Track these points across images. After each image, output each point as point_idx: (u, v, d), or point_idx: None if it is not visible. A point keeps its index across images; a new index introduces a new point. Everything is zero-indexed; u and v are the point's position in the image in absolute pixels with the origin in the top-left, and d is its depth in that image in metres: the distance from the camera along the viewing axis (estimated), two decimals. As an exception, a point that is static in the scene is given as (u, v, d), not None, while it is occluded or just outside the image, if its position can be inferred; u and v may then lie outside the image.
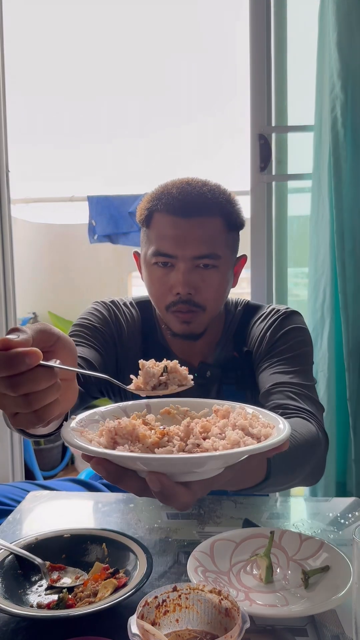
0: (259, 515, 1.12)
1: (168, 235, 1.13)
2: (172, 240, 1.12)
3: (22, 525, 1.09)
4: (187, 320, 1.15)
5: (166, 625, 0.71)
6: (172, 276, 1.14)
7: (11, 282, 2.28)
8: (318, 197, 1.73)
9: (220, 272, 1.15)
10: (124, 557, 0.91)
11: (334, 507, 1.16)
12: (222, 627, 0.71)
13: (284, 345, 1.19)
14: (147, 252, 1.17)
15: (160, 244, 1.13)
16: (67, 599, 0.83)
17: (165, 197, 1.14)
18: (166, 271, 1.14)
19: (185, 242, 1.11)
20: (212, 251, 1.13)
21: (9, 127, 2.22)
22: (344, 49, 1.62)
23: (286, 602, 0.84)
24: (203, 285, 1.14)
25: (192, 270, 1.13)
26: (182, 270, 1.12)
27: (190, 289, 1.13)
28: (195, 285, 1.13)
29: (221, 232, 1.15)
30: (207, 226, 1.13)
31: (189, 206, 1.12)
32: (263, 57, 1.86)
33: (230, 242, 1.19)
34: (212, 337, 1.27)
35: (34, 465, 3.08)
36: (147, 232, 1.18)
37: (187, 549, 0.98)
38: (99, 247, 3.40)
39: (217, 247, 1.14)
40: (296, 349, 1.19)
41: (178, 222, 1.12)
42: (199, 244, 1.12)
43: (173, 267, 1.14)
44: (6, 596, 0.83)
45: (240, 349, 1.25)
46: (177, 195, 1.13)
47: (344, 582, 0.83)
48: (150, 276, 1.17)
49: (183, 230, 1.12)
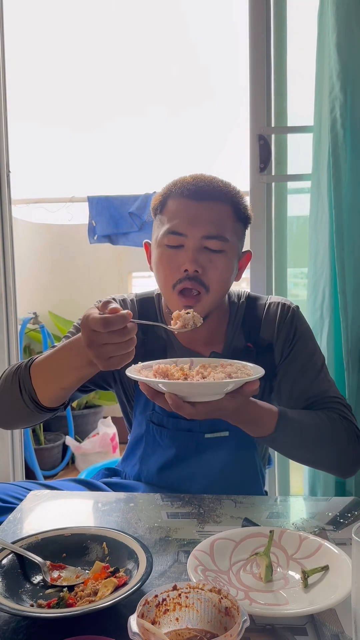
0: (259, 515, 1.12)
1: (180, 215, 1.20)
2: (184, 219, 1.19)
3: (22, 525, 1.10)
4: (190, 305, 1.19)
5: (166, 624, 0.72)
6: (181, 255, 1.19)
7: (12, 282, 2.28)
8: (317, 197, 1.73)
9: (227, 258, 1.21)
10: (124, 556, 0.92)
11: (333, 506, 1.16)
12: (222, 626, 0.71)
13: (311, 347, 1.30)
14: (158, 235, 1.23)
15: (173, 223, 1.20)
16: (68, 597, 0.83)
17: (180, 184, 1.22)
18: (176, 251, 1.20)
19: (196, 222, 1.18)
20: (220, 233, 1.19)
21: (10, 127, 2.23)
22: (344, 49, 1.62)
23: (286, 601, 0.84)
24: (210, 266, 1.19)
25: (201, 250, 1.19)
26: (191, 249, 1.18)
27: (198, 267, 1.18)
28: (202, 265, 1.18)
29: (230, 219, 1.22)
30: (217, 210, 1.20)
31: (201, 190, 1.20)
32: (263, 58, 1.87)
33: (237, 231, 1.24)
34: (216, 326, 1.30)
35: (34, 465, 3.09)
36: (160, 218, 1.25)
37: (187, 548, 0.98)
38: (99, 247, 3.40)
39: (225, 230, 1.20)
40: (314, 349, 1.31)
41: (190, 204, 1.19)
42: (208, 225, 1.18)
43: (183, 248, 1.19)
44: (7, 595, 0.83)
45: (254, 340, 1.29)
46: (191, 181, 1.21)
47: (344, 582, 0.83)
48: (160, 256, 1.23)
49: (194, 210, 1.19)
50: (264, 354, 1.28)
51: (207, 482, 1.28)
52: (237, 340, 1.31)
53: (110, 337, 0.91)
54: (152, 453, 1.31)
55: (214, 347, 1.30)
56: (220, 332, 1.32)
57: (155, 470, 1.31)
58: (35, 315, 3.33)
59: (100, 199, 3.17)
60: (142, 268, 3.62)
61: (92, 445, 3.29)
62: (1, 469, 2.30)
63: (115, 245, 3.25)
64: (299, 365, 1.28)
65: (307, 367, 1.29)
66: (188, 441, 1.27)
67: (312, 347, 1.32)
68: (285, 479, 1.98)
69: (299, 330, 1.31)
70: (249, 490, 1.29)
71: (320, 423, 1.19)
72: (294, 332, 1.30)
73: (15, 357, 2.28)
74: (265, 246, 1.90)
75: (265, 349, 1.29)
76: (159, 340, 1.31)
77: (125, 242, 3.19)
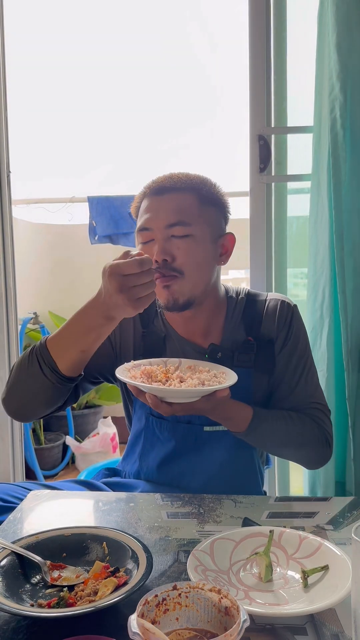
0: (259, 515, 1.12)
1: (145, 212, 1.27)
2: (148, 215, 1.26)
3: (22, 524, 1.10)
4: (166, 284, 1.24)
5: (166, 623, 0.72)
6: (153, 249, 1.24)
7: (12, 282, 2.29)
8: (317, 197, 1.74)
9: (195, 241, 1.25)
10: (124, 555, 0.92)
11: (333, 506, 1.17)
12: (222, 626, 0.71)
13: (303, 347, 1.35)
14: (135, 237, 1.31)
15: (140, 221, 1.28)
16: (68, 597, 0.83)
17: (149, 185, 1.30)
18: (149, 246, 1.26)
19: (158, 214, 1.25)
20: (181, 219, 1.24)
21: (10, 127, 2.23)
22: (343, 50, 1.62)
23: (286, 601, 0.84)
24: (178, 253, 1.24)
25: (167, 240, 1.24)
26: (158, 240, 1.24)
27: (166, 256, 1.23)
28: (170, 253, 1.24)
29: (193, 205, 1.26)
30: (177, 199, 1.25)
31: (162, 185, 1.27)
32: (262, 59, 1.87)
33: (206, 215, 1.28)
34: (213, 317, 1.33)
35: (34, 465, 3.09)
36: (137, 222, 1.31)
37: (187, 547, 0.98)
38: (100, 248, 3.40)
39: (187, 215, 1.25)
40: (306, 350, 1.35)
41: (153, 200, 1.27)
42: (169, 214, 1.24)
43: (152, 241, 1.25)
44: (7, 595, 0.83)
45: (255, 335, 1.32)
46: (157, 181, 1.29)
47: (343, 581, 0.84)
48: None
49: (157, 204, 1.26)
50: (265, 348, 1.32)
51: (206, 478, 1.29)
52: (237, 334, 1.33)
53: (140, 277, 1.05)
54: (151, 448, 1.32)
55: (212, 338, 1.33)
56: (218, 324, 1.35)
57: (155, 466, 1.32)
58: (36, 315, 3.33)
59: (101, 199, 3.17)
60: (142, 268, 3.62)
61: (92, 445, 3.29)
62: (1, 468, 2.31)
63: (116, 245, 3.25)
64: (291, 366, 1.33)
65: (297, 368, 1.33)
66: (187, 434, 1.29)
67: (304, 348, 1.35)
68: (285, 478, 1.98)
69: (295, 329, 1.34)
70: (247, 487, 1.31)
71: (291, 426, 1.27)
72: (291, 331, 1.33)
73: (16, 357, 2.28)
74: (265, 246, 1.90)
75: (267, 343, 1.32)
76: (158, 333, 1.35)
77: (125, 242, 3.18)
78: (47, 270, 3.90)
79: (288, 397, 1.32)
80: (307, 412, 1.31)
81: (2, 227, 2.23)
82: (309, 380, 1.34)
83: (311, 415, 1.30)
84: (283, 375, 1.33)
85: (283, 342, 1.33)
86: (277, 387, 1.33)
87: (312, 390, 1.34)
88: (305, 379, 1.33)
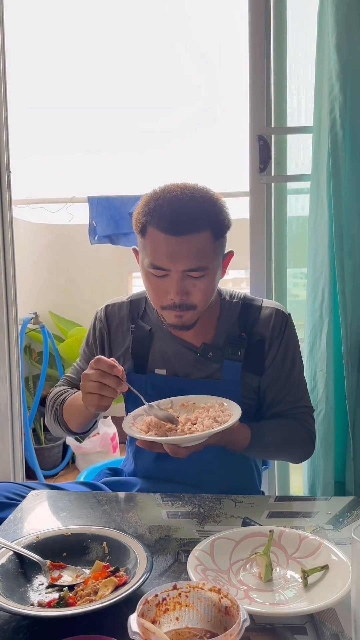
0: (259, 514, 1.12)
1: (161, 250, 1.24)
2: (165, 255, 1.24)
3: (23, 524, 1.10)
4: (179, 315, 1.28)
5: (166, 623, 0.72)
6: (166, 283, 1.26)
7: (12, 282, 2.29)
8: (317, 198, 1.74)
9: (209, 277, 1.28)
10: (125, 555, 0.92)
11: (332, 506, 1.17)
12: (222, 626, 0.71)
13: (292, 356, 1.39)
14: (143, 260, 1.29)
15: (155, 258, 1.25)
16: (68, 597, 0.83)
17: (157, 213, 1.24)
18: (161, 279, 1.27)
19: (177, 258, 1.23)
20: (201, 264, 1.24)
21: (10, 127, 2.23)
22: (343, 50, 1.62)
23: (285, 601, 0.85)
24: (194, 290, 1.26)
25: (184, 279, 1.25)
26: (175, 280, 1.25)
27: (183, 295, 1.26)
28: (186, 291, 1.26)
29: (209, 244, 1.26)
30: (196, 241, 1.23)
31: (179, 224, 1.23)
32: (262, 59, 1.86)
33: (218, 250, 1.29)
34: (206, 317, 1.36)
35: (34, 465, 3.09)
36: (142, 242, 1.29)
37: (187, 547, 0.98)
38: (100, 248, 3.40)
39: (205, 259, 1.25)
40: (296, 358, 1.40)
41: (169, 240, 1.23)
42: (188, 259, 1.23)
43: (167, 276, 1.26)
44: (7, 595, 0.83)
45: (248, 333, 1.36)
46: (168, 214, 1.23)
47: (343, 581, 0.84)
48: (147, 280, 1.30)
49: (174, 247, 1.23)
50: (256, 346, 1.35)
51: (201, 471, 1.32)
52: (230, 332, 1.37)
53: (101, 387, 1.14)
54: None
55: (203, 337, 1.37)
56: (211, 324, 1.38)
57: (151, 461, 1.35)
58: (36, 315, 3.33)
59: (101, 200, 3.17)
60: (142, 268, 3.62)
61: (92, 445, 3.29)
62: (1, 468, 2.31)
63: (116, 245, 3.25)
64: (283, 374, 1.37)
65: (289, 377, 1.38)
66: None
67: (294, 356, 1.39)
68: (284, 478, 1.98)
69: (287, 337, 1.38)
70: (242, 481, 1.36)
71: (283, 435, 1.35)
72: (284, 339, 1.37)
73: (16, 357, 2.29)
74: (265, 246, 1.90)
75: (258, 342, 1.36)
76: (146, 328, 1.40)
77: (125, 242, 3.18)
78: (47, 270, 3.90)
79: (279, 402, 1.38)
80: (296, 416, 1.37)
81: (3, 227, 2.23)
82: (300, 386, 1.40)
83: (299, 419, 1.37)
84: (274, 383, 1.37)
85: (276, 349, 1.36)
86: (266, 392, 1.37)
87: (301, 394, 1.40)
88: (297, 385, 1.39)
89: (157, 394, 1.32)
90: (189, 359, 1.36)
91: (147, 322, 1.41)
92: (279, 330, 1.37)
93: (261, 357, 1.35)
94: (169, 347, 1.37)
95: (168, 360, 1.37)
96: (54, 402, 1.44)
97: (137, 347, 1.38)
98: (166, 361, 1.37)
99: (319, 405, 1.70)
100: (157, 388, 1.35)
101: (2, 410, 2.28)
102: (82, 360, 1.49)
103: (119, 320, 1.43)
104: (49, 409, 1.45)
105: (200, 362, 1.35)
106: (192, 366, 1.36)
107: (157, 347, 1.38)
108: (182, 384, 1.35)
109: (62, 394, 1.43)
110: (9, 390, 2.27)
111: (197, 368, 1.35)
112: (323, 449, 1.69)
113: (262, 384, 1.37)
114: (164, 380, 1.36)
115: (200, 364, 1.36)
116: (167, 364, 1.37)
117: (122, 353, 1.41)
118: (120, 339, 1.42)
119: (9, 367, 2.27)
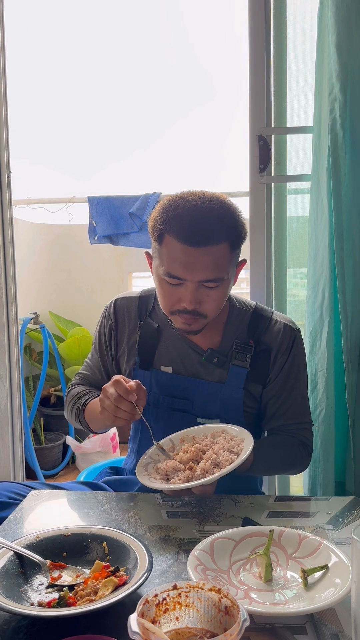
0: (259, 514, 1.13)
1: (178, 260, 1.22)
2: (182, 265, 1.22)
3: (23, 524, 1.10)
4: (189, 323, 1.28)
5: (166, 623, 0.72)
6: (180, 291, 1.25)
7: (12, 282, 2.29)
8: (317, 198, 1.74)
9: (224, 287, 1.28)
10: (125, 555, 0.92)
11: (332, 506, 1.17)
12: (222, 626, 0.71)
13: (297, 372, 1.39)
14: (158, 266, 1.28)
15: (171, 266, 1.23)
16: (68, 597, 0.83)
17: (176, 223, 1.22)
18: (175, 287, 1.26)
19: (194, 269, 1.22)
20: (217, 276, 1.24)
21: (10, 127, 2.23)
22: (343, 50, 1.62)
23: (285, 601, 0.85)
24: (207, 300, 1.26)
25: (199, 289, 1.25)
26: (190, 290, 1.24)
27: (196, 304, 1.25)
28: (200, 300, 1.25)
29: (227, 255, 1.25)
30: (214, 253, 1.22)
31: (197, 235, 1.21)
32: (262, 59, 1.86)
33: (234, 260, 1.29)
34: (214, 326, 1.36)
35: (35, 464, 3.09)
36: (158, 248, 1.27)
37: (187, 547, 0.99)
38: (100, 248, 3.40)
39: (222, 270, 1.25)
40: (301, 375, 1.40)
41: (187, 250, 1.21)
42: (206, 270, 1.22)
43: (182, 285, 1.25)
44: (7, 595, 0.83)
45: (256, 341, 1.36)
46: (187, 224, 1.21)
47: (343, 581, 0.84)
48: (160, 286, 1.29)
49: (192, 257, 1.21)
50: (262, 355, 1.35)
51: None
52: (237, 338, 1.36)
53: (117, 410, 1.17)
54: (147, 442, 1.32)
55: (210, 341, 1.37)
56: (218, 328, 1.38)
57: None
58: (36, 315, 3.33)
59: (101, 200, 3.17)
60: (142, 268, 3.62)
61: (92, 445, 3.29)
62: (2, 468, 2.31)
63: (116, 245, 3.25)
64: (285, 388, 1.37)
65: (290, 391, 1.38)
66: (182, 422, 1.32)
67: (299, 372, 1.40)
68: (285, 478, 1.98)
69: (294, 353, 1.38)
70: (243, 482, 1.36)
71: (283, 454, 1.37)
72: (291, 354, 1.37)
73: (16, 357, 2.29)
74: (265, 246, 1.90)
75: (264, 352, 1.35)
76: (153, 325, 1.40)
77: (125, 242, 3.18)
78: (47, 270, 3.90)
79: (280, 417, 1.38)
80: (294, 433, 1.39)
81: (3, 227, 2.23)
82: (302, 403, 1.40)
83: (298, 435, 1.38)
84: (277, 397, 1.37)
85: (282, 364, 1.36)
86: (267, 405, 1.38)
87: (302, 410, 1.40)
88: (300, 402, 1.39)
89: (162, 391, 1.34)
90: (195, 360, 1.37)
91: (155, 319, 1.41)
92: (287, 345, 1.36)
93: (266, 367, 1.35)
94: (176, 346, 1.38)
95: (174, 359, 1.37)
96: (74, 403, 1.44)
97: (144, 343, 1.39)
98: (172, 360, 1.38)
99: (319, 405, 1.69)
100: (161, 385, 1.36)
101: (2, 410, 2.29)
102: (92, 354, 1.51)
103: (127, 315, 1.44)
104: (69, 408, 1.46)
105: (205, 365, 1.36)
106: (198, 367, 1.36)
107: (164, 345, 1.38)
108: (187, 383, 1.35)
109: (83, 395, 1.44)
110: (9, 390, 2.28)
111: (202, 370, 1.36)
112: (323, 449, 1.69)
113: (264, 396, 1.37)
114: (169, 378, 1.36)
115: (206, 367, 1.36)
116: (172, 362, 1.37)
117: (128, 348, 1.41)
118: (128, 334, 1.43)
119: (9, 367, 2.27)
